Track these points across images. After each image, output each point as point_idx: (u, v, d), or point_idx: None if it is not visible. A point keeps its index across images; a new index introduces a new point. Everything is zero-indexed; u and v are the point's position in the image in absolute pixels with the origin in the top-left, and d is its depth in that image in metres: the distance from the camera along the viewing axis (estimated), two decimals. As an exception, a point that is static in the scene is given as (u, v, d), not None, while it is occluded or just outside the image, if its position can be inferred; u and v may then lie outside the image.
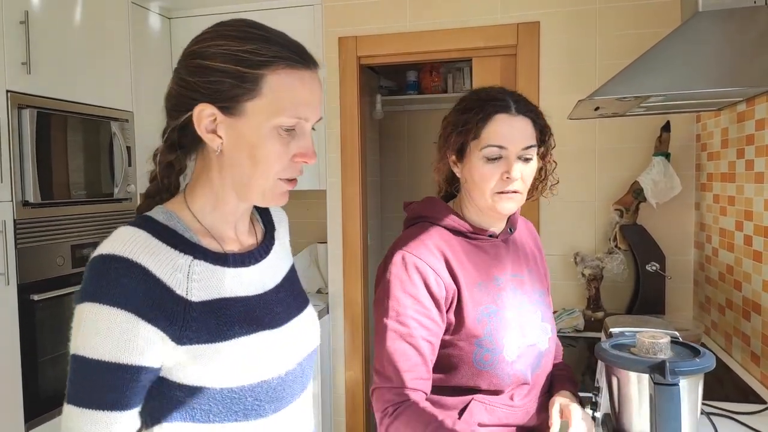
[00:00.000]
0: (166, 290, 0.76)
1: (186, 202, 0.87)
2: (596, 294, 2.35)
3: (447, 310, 1.16)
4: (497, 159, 1.15)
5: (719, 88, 1.50)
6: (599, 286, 2.35)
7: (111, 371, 0.74)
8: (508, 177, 1.15)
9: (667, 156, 2.25)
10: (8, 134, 1.93)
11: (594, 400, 1.28)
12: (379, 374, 1.15)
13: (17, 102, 1.96)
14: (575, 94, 1.89)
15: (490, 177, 1.16)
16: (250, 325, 0.84)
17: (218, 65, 0.79)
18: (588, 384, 1.58)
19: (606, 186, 2.41)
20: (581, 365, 1.89)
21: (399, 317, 1.13)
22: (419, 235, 1.19)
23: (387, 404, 1.13)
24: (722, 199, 2.01)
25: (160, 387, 0.80)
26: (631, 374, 1.07)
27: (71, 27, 2.21)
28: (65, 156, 2.14)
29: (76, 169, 2.19)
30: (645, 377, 1.03)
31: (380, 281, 1.19)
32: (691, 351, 1.08)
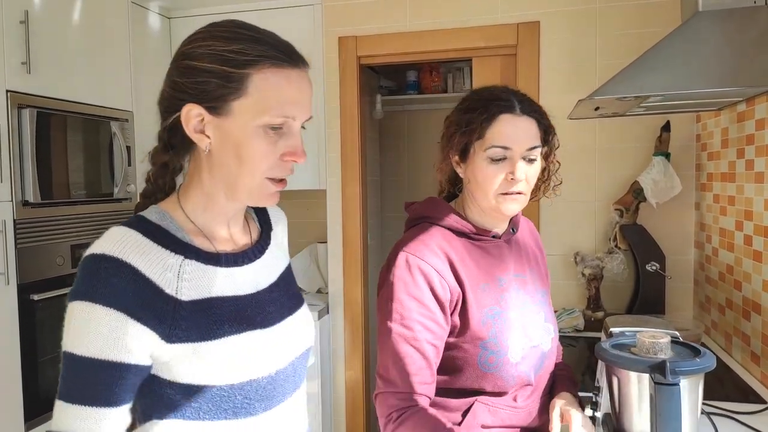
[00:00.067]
0: (156, 289, 0.77)
1: (179, 202, 0.88)
2: (596, 294, 2.35)
3: (451, 313, 1.15)
4: (501, 160, 1.14)
5: (719, 88, 1.49)
6: (599, 286, 2.35)
7: (100, 368, 0.75)
8: (513, 178, 1.13)
9: (667, 156, 2.25)
10: (8, 134, 1.93)
11: (594, 400, 1.28)
12: (383, 379, 1.13)
13: (17, 102, 1.96)
14: (575, 94, 1.88)
15: (494, 178, 1.14)
16: (241, 324, 0.84)
17: (205, 65, 0.80)
18: (588, 384, 1.58)
19: (606, 186, 2.41)
20: (581, 365, 1.89)
21: (403, 320, 1.11)
22: (422, 237, 1.18)
23: (391, 409, 1.10)
24: (722, 199, 2.01)
25: (152, 384, 0.81)
26: (632, 374, 1.07)
27: (71, 27, 2.21)
28: (65, 156, 2.14)
29: (76, 169, 2.19)
30: (645, 377, 1.03)
31: (383, 284, 1.17)
32: (692, 351, 1.08)
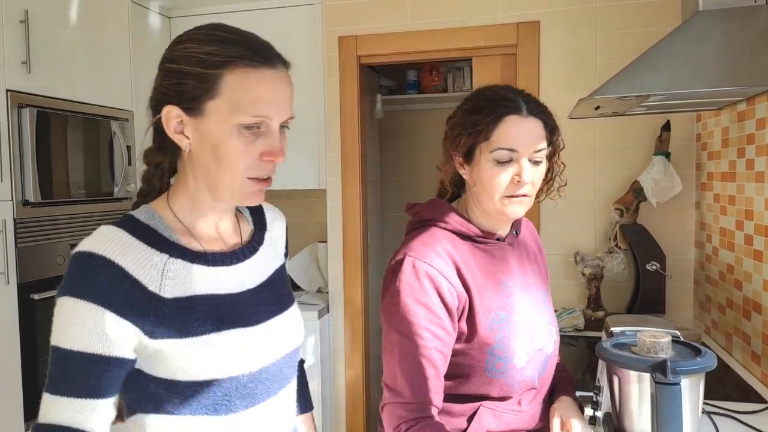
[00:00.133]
0: (140, 286, 0.80)
1: (168, 202, 0.90)
2: (596, 293, 2.35)
3: (458, 319, 1.12)
4: (507, 162, 1.10)
5: (720, 88, 1.49)
6: (599, 286, 2.35)
7: (86, 361, 0.78)
8: (519, 181, 1.10)
9: (668, 155, 2.25)
10: (8, 133, 1.93)
11: (595, 400, 1.28)
12: (390, 389, 1.09)
13: (17, 101, 1.96)
14: (576, 94, 1.88)
15: (501, 180, 1.11)
16: (222, 323, 0.86)
17: (181, 67, 0.83)
18: (589, 383, 1.58)
19: (606, 185, 2.41)
20: (582, 364, 1.89)
21: (411, 328, 1.08)
22: (428, 241, 1.14)
23: (400, 421, 1.07)
24: (722, 199, 2.01)
25: (137, 379, 0.84)
26: (633, 373, 1.06)
27: (71, 26, 2.21)
28: (65, 155, 2.14)
29: (76, 169, 2.19)
30: (646, 376, 1.02)
31: (388, 289, 1.13)
32: (693, 350, 1.08)
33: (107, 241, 0.80)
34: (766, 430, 1.36)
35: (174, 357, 0.82)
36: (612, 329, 1.22)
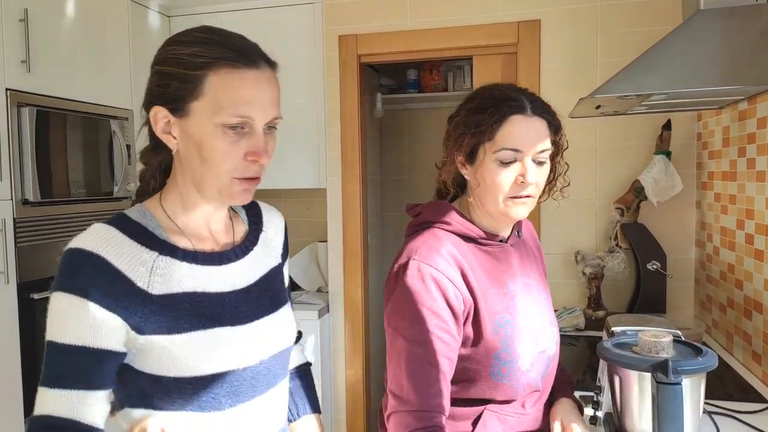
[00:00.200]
0: (128, 283, 0.82)
1: (160, 201, 0.92)
2: (597, 293, 2.35)
3: (464, 323, 1.10)
4: (511, 162, 1.08)
5: (721, 87, 1.49)
6: (600, 285, 2.35)
7: (79, 354, 0.80)
8: (523, 181, 1.08)
9: (668, 154, 2.25)
10: (8, 133, 1.92)
11: (596, 399, 1.28)
12: (396, 397, 1.06)
13: (17, 100, 1.95)
14: (576, 93, 1.88)
15: (505, 181, 1.09)
16: (208, 320, 0.87)
17: (166, 69, 0.85)
18: (589, 383, 1.58)
19: (607, 184, 2.41)
20: (582, 364, 1.89)
21: (418, 334, 1.05)
22: (431, 243, 1.11)
23: (408, 429, 1.04)
24: (723, 198, 2.01)
25: (126, 374, 0.86)
26: (634, 373, 1.06)
27: (70, 25, 2.21)
28: (65, 154, 2.14)
29: (76, 168, 2.19)
30: (647, 376, 1.02)
31: (393, 293, 1.10)
32: (693, 350, 1.08)
33: (98, 239, 0.83)
34: (767, 430, 1.36)
35: (160, 353, 0.84)
36: (613, 329, 1.22)
